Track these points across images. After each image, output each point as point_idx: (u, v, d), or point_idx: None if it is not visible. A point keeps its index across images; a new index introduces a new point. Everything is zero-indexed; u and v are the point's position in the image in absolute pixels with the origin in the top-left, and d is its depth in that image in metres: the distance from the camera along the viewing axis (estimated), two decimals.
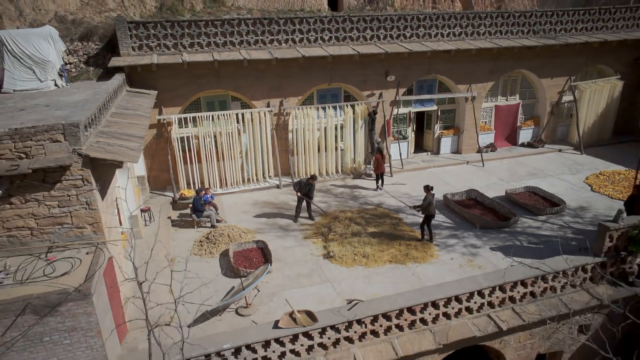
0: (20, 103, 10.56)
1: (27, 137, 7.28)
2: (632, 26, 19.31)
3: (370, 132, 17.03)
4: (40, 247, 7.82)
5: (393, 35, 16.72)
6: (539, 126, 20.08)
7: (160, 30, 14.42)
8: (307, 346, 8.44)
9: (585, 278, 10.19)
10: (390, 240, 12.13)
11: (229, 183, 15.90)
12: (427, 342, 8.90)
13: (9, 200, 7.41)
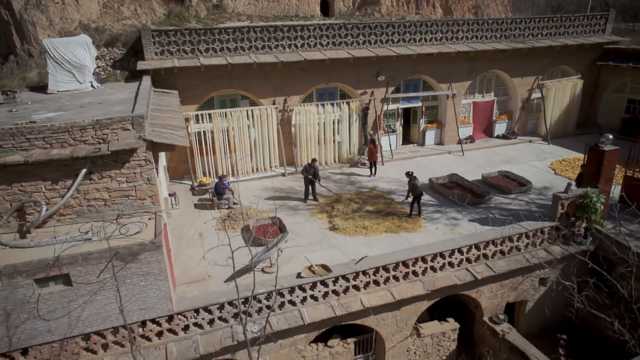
0: (73, 101, 12.46)
1: (105, 127, 9.26)
2: (589, 32, 21.96)
3: (363, 126, 19.25)
4: (111, 214, 9.79)
5: (383, 40, 18.95)
6: (511, 120, 22.61)
7: (180, 37, 16.35)
8: (323, 292, 10.58)
9: (543, 239, 12.55)
10: (384, 216, 14.34)
11: (240, 172, 17.91)
12: (418, 289, 11.13)
13: (89, 177, 9.37)
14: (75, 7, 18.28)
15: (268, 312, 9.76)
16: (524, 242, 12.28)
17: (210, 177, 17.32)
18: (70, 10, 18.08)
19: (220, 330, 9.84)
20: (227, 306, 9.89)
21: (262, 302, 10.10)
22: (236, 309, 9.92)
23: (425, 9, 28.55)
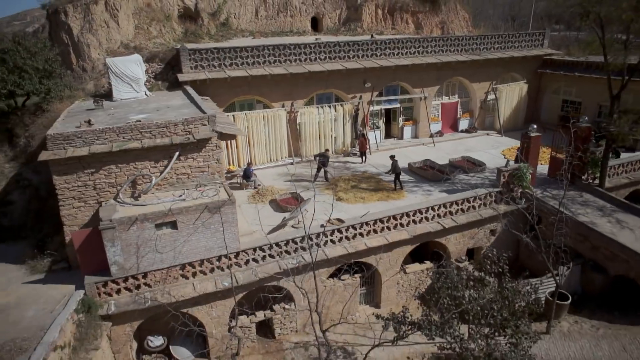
0: (143, 107, 16.51)
1: (190, 123, 13.49)
2: (531, 46, 27.25)
3: (354, 124, 23.85)
4: (191, 184, 13.99)
5: (368, 55, 23.59)
6: (472, 117, 27.67)
7: (210, 54, 20.54)
8: (338, 238, 15.04)
9: (491, 201, 17.39)
10: (376, 190, 18.92)
11: (257, 162, 22.17)
12: (404, 235, 15.74)
13: (179, 158, 13.57)
14: (117, 30, 22.20)
15: (312, 245, 14.16)
16: (477, 202, 17.07)
17: (234, 166, 21.51)
18: (114, 33, 21.99)
19: (270, 264, 14.17)
20: (275, 247, 14.22)
21: (297, 244, 14.47)
22: (280, 248, 14.28)
23: (399, 25, 33.48)
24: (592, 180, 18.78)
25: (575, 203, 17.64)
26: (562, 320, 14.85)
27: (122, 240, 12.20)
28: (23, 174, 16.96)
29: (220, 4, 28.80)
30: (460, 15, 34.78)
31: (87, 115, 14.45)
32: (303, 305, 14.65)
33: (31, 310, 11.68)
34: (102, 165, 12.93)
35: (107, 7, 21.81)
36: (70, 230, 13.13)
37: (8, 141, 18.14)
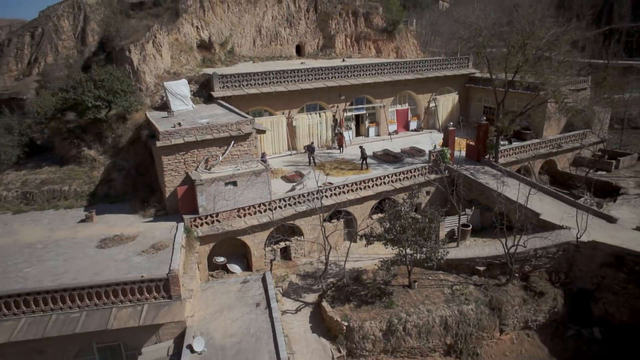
0: (198, 115, 25.05)
1: (239, 124, 22.29)
2: (460, 67, 37.32)
3: (334, 125, 33.03)
4: (239, 161, 22.71)
5: (342, 76, 32.85)
6: (419, 120, 37.39)
7: (233, 78, 29.25)
8: (330, 194, 24.05)
9: (425, 172, 26.87)
10: (351, 169, 28.09)
11: (267, 153, 30.92)
12: (370, 192, 24.94)
13: (233, 145, 22.30)
14: (161, 60, 30.61)
15: (315, 197, 23.13)
16: (416, 173, 26.50)
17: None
18: (159, 63, 30.40)
19: (289, 209, 23.01)
20: (291, 198, 23.08)
21: (306, 197, 23.41)
22: (295, 200, 23.16)
23: (364, 50, 43.16)
24: (491, 159, 28.60)
25: (479, 172, 27.36)
26: (467, 240, 24.32)
27: (206, 192, 20.79)
28: (116, 161, 25.16)
29: (227, 37, 37.65)
30: (410, 42, 44.84)
31: (165, 121, 22.99)
32: (309, 238, 23.57)
33: (157, 232, 20.09)
34: (188, 149, 21.49)
35: (154, 45, 30.23)
36: (169, 190, 21.58)
37: (98, 141, 26.24)
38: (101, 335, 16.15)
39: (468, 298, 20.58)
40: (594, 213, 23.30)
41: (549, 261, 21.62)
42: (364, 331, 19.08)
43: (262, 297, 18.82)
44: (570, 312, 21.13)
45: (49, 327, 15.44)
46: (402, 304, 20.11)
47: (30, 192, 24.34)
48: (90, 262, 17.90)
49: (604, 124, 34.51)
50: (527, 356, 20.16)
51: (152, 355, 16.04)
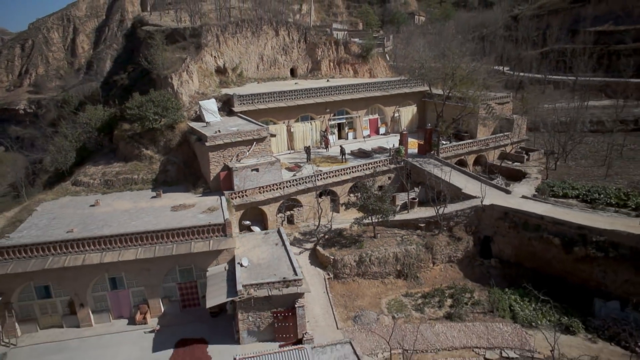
0: (227, 125, 35.71)
1: (259, 131, 33.08)
2: (417, 85, 48.66)
3: (322, 131, 43.99)
4: (259, 156, 33.43)
5: (327, 94, 43.86)
6: (387, 126, 48.65)
7: (248, 97, 39.97)
8: (321, 177, 34.91)
9: (387, 163, 37.95)
10: (334, 162, 39.04)
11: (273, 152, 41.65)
12: (348, 177, 35.91)
13: (254, 145, 33.04)
14: (192, 84, 41.17)
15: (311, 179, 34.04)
16: (380, 164, 37.58)
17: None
18: (191, 85, 40.95)
19: (293, 188, 33.77)
20: (295, 181, 33.91)
21: (305, 180, 34.24)
22: (297, 182, 33.98)
23: (344, 71, 54.39)
24: (434, 153, 39.85)
25: (425, 163, 38.51)
26: (415, 208, 35.34)
27: (239, 175, 31.44)
28: (169, 158, 35.59)
29: (237, 63, 48.52)
30: (381, 65, 56.31)
31: (206, 129, 33.61)
32: (306, 208, 34.40)
33: (208, 201, 30.63)
34: (225, 148, 32.13)
35: (187, 72, 40.81)
36: (213, 175, 32.13)
37: (153, 144, 36.61)
38: (182, 260, 26.60)
39: (412, 242, 31.60)
40: (496, 187, 34.71)
41: (465, 218, 32.80)
42: (344, 262, 29.93)
43: (278, 240, 29.36)
44: (478, 250, 32.32)
45: (155, 252, 25.83)
46: (369, 246, 31.02)
47: (110, 180, 34.61)
48: (171, 218, 28.38)
49: (522, 128, 46.19)
50: (449, 278, 31.20)
51: (215, 270, 26.52)
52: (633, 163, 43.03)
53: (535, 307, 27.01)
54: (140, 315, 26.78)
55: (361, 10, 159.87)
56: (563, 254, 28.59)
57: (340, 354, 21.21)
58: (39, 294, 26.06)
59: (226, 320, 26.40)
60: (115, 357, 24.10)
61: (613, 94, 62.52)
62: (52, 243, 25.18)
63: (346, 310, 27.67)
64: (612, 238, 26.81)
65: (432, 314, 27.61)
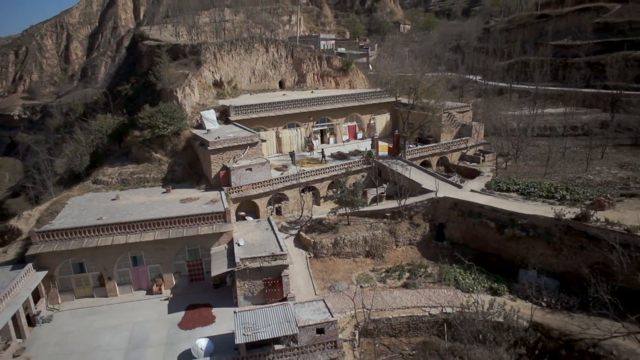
0: (225, 132, 42.29)
1: (253, 136, 39.71)
2: (390, 96, 55.64)
3: (306, 137, 50.73)
4: (251, 158, 40.07)
5: (311, 104, 50.63)
6: (364, 132, 55.54)
7: (243, 107, 46.58)
8: (304, 176, 41.62)
9: (361, 162, 44.75)
10: (315, 163, 45.78)
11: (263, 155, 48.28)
12: (327, 176, 42.65)
13: (248, 149, 39.65)
14: (194, 97, 47.69)
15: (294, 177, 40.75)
16: (355, 164, 44.36)
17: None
18: (193, 98, 47.45)
19: (280, 184, 40.40)
20: (282, 178, 40.55)
21: (290, 178, 40.90)
22: (284, 179, 40.64)
23: (327, 83, 61.28)
24: (401, 155, 46.75)
25: (393, 164, 45.32)
26: (383, 201, 42.14)
27: (235, 174, 38.00)
28: (176, 160, 42.03)
29: (232, 77, 55.14)
30: (360, 77, 63.31)
31: (207, 136, 40.13)
32: (292, 202, 41.06)
33: (210, 195, 37.10)
34: (224, 151, 38.68)
35: (189, 86, 47.33)
36: (213, 173, 38.64)
37: (161, 148, 43.01)
38: (190, 241, 33.03)
39: (379, 228, 38.38)
40: (449, 183, 41.71)
41: (423, 208, 39.66)
42: (322, 244, 36.60)
43: (268, 226, 35.85)
44: (434, 234, 39.19)
45: (169, 234, 32.23)
46: (343, 232, 37.73)
47: (126, 178, 40.94)
48: (180, 208, 34.82)
49: (480, 133, 53.35)
50: (409, 257, 37.97)
51: (217, 249, 32.99)
52: (571, 163, 50.37)
53: (474, 277, 33.88)
54: (156, 287, 33.16)
55: (348, 19, 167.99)
56: (497, 235, 35.58)
57: (315, 307, 27.82)
58: (75, 269, 32.33)
59: (226, 290, 32.86)
60: (138, 317, 30.46)
61: (568, 103, 70.12)
62: (87, 227, 31.52)
63: (323, 282, 34.32)
64: (533, 221, 33.87)
65: (392, 284, 34.36)
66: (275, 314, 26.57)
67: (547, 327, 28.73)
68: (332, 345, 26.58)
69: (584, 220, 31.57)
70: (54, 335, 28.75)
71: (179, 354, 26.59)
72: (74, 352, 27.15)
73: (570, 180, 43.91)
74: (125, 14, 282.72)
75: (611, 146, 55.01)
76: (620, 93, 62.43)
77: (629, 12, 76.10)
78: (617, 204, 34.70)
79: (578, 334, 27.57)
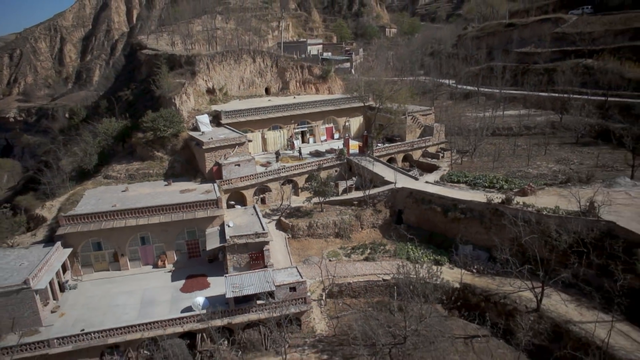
0: (217, 134, 49.46)
1: (241, 137, 46.95)
2: (363, 101, 63.08)
3: (289, 138, 58.05)
4: (239, 155, 47.32)
5: (293, 109, 57.91)
6: (340, 133, 62.95)
7: (233, 112, 53.77)
8: (285, 170, 48.93)
9: (334, 159, 52.17)
10: (295, 159, 53.10)
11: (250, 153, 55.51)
12: (304, 170, 49.99)
13: (236, 148, 46.88)
14: (189, 103, 54.78)
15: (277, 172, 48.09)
16: (328, 161, 51.76)
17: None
18: (189, 104, 54.55)
19: (264, 178, 47.68)
20: (266, 172, 47.84)
21: (273, 172, 48.21)
22: (268, 174, 47.93)
23: (308, 89, 68.61)
24: (370, 153, 54.18)
25: (362, 160, 52.75)
26: (352, 192, 49.53)
27: (226, 169, 45.21)
28: (175, 158, 49.13)
29: (223, 85, 62.32)
30: (338, 84, 70.72)
31: (202, 137, 47.25)
32: (275, 193, 48.37)
33: (205, 187, 44.27)
34: (216, 150, 45.86)
35: (185, 94, 54.43)
36: (207, 168, 45.79)
37: (162, 147, 50.07)
38: (189, 224, 40.16)
39: (347, 214, 45.80)
40: (408, 175, 49.26)
41: (385, 197, 47.13)
42: (299, 227, 43.98)
43: (254, 212, 43.03)
44: (394, 219, 46.67)
45: (172, 218, 39.34)
46: (317, 217, 45.13)
47: (132, 174, 47.96)
48: (180, 197, 41.93)
49: (441, 133, 60.95)
50: (372, 237, 45.37)
51: (211, 230, 40.16)
52: (518, 159, 58.02)
53: (422, 252, 41.42)
54: (160, 262, 40.29)
55: (335, 24, 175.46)
56: (443, 218, 43.15)
57: (290, 272, 35.14)
58: (94, 247, 39.35)
59: (218, 264, 40.06)
60: (147, 285, 37.59)
61: (527, 105, 77.96)
62: (104, 212, 38.57)
63: (299, 257, 41.68)
64: (470, 205, 41.50)
65: (355, 258, 41.82)
66: (257, 276, 33.90)
67: (473, 286, 36.34)
68: (302, 301, 33.91)
69: (507, 204, 39.21)
70: (80, 298, 35.83)
71: (182, 309, 33.76)
72: (97, 309, 34.26)
73: (513, 173, 51.49)
74: (118, 17, 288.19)
75: (556, 144, 62.83)
76: (568, 97, 70.23)
77: (582, 23, 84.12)
78: (539, 191, 42.43)
79: (494, 291, 35.20)
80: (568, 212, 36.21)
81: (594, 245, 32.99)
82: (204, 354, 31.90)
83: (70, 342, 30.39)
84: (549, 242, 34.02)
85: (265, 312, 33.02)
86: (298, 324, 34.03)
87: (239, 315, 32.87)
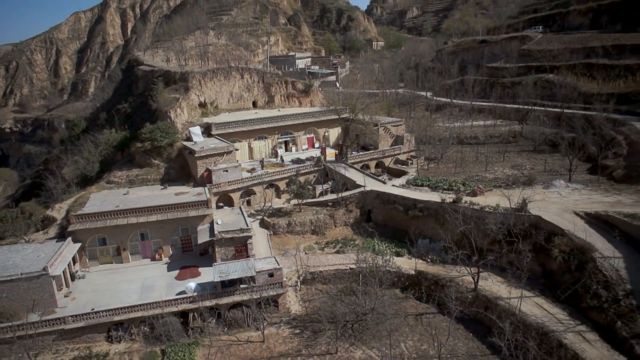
0: (208, 143, 55.70)
1: (230, 146, 53.24)
2: (341, 113, 69.66)
3: (274, 146, 64.40)
4: (228, 162, 53.53)
5: (277, 121, 64.32)
6: (320, 142, 69.40)
7: (223, 124, 60.07)
8: (268, 175, 55.19)
9: (313, 165, 58.52)
10: (277, 166, 59.40)
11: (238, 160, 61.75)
12: (285, 175, 56.30)
13: (225, 156, 53.16)
14: (183, 116, 61.03)
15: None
16: (308, 166, 58.10)
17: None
18: (183, 117, 60.77)
19: (250, 182, 53.90)
20: (252, 177, 54.07)
21: (257, 177, 54.47)
22: (253, 178, 54.18)
23: (292, 102, 75.17)
24: (345, 160, 60.58)
25: (337, 167, 59.15)
26: (328, 194, 55.82)
27: (215, 174, 51.38)
28: (170, 165, 55.23)
29: (214, 99, 68.75)
30: (319, 97, 77.38)
31: (194, 147, 53.47)
32: (259, 195, 54.60)
33: (197, 190, 50.35)
34: (207, 157, 52.06)
35: (180, 108, 60.70)
36: (199, 174, 51.91)
37: (159, 155, 56.16)
38: (183, 222, 46.16)
39: (322, 213, 52.05)
40: (377, 180, 55.71)
41: (356, 199, 53.46)
42: (279, 224, 50.17)
43: (239, 212, 49.08)
44: (364, 218, 52.98)
45: (168, 217, 45.35)
46: (295, 216, 51.33)
47: (132, 179, 53.96)
48: (175, 199, 47.97)
49: (411, 142, 67.57)
50: (344, 234, 51.59)
51: (202, 227, 46.19)
52: (479, 165, 64.68)
53: (386, 246, 47.69)
54: (158, 256, 46.20)
55: (324, 38, 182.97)
56: (404, 216, 49.54)
57: (269, 261, 41.23)
58: (99, 242, 45.22)
59: (208, 257, 46.03)
60: (146, 275, 43.45)
61: (495, 116, 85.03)
62: (109, 212, 44.52)
63: (279, 250, 47.78)
64: (426, 205, 47.96)
65: (328, 251, 47.98)
66: (241, 264, 39.97)
67: (426, 273, 42.64)
68: (279, 285, 39.97)
69: (457, 203, 45.70)
70: (89, 286, 41.64)
71: (176, 293, 39.66)
72: (104, 294, 40.08)
73: (471, 177, 58.09)
74: (113, 30, 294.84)
75: (516, 152, 69.71)
76: (530, 108, 77.36)
77: (545, 42, 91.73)
78: (488, 192, 49.00)
79: (443, 276, 41.52)
80: (505, 209, 42.72)
81: (523, 235, 39.45)
82: (195, 330, 37.76)
83: (82, 320, 36.18)
84: (488, 234, 40.45)
85: (248, 294, 38.96)
86: (275, 305, 40.06)
87: (225, 297, 38.82)
